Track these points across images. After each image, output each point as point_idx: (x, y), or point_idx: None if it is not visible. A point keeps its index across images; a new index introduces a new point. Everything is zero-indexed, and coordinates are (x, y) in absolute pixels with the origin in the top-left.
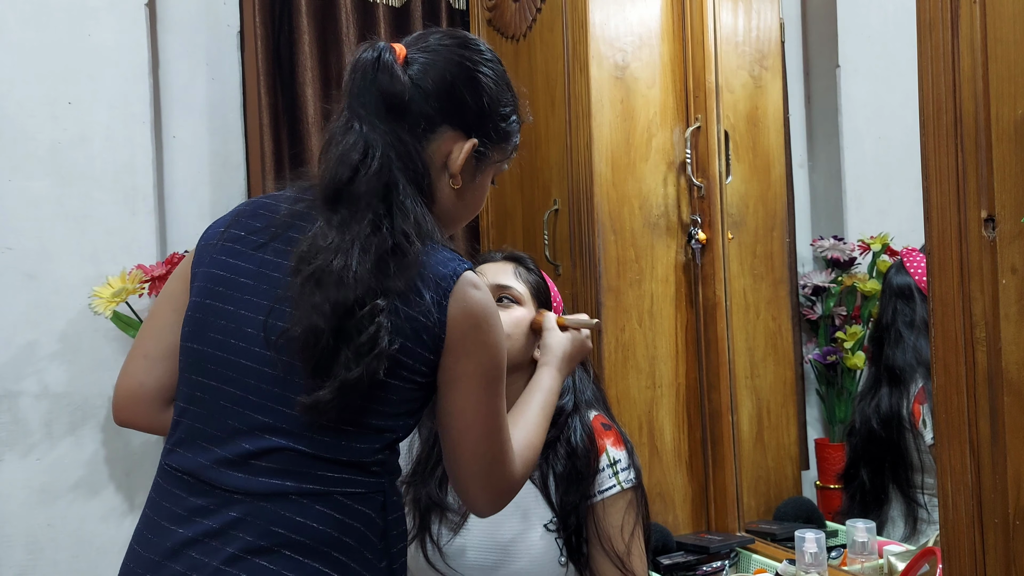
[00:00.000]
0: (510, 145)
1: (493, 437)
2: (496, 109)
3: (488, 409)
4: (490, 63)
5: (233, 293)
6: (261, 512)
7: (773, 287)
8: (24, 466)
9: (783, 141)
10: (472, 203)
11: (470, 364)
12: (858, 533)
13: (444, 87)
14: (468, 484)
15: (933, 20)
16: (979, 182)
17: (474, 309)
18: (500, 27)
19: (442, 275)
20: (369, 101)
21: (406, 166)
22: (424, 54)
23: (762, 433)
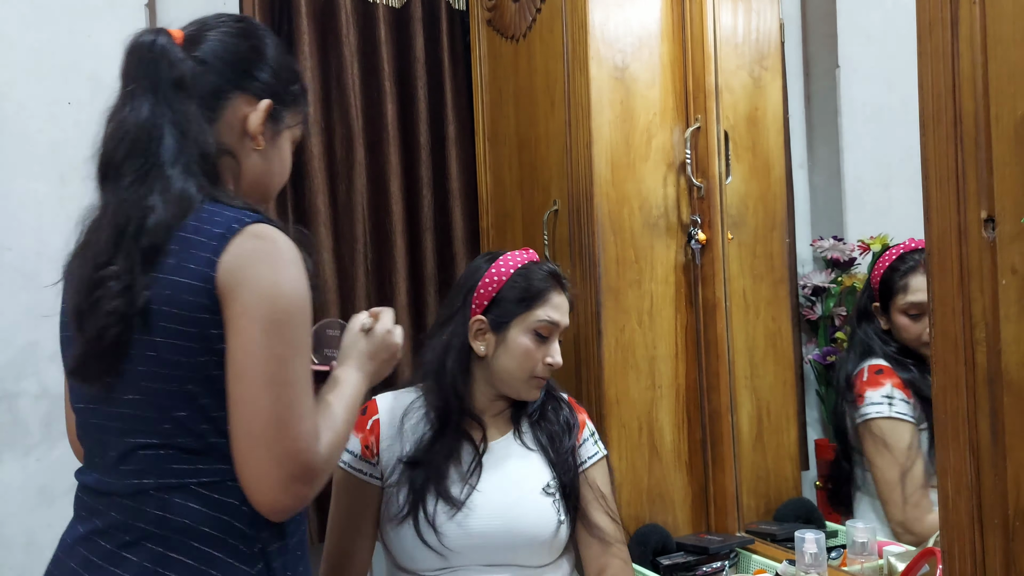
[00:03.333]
0: (300, 109)
1: (279, 390)
2: (282, 73)
3: (269, 354)
4: (267, 33)
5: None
6: (128, 510)
7: (773, 287)
8: (24, 466)
9: (783, 141)
10: (278, 167)
11: (238, 304)
12: (858, 533)
13: (229, 57)
14: (251, 455)
15: (933, 20)
16: (979, 182)
17: (246, 253)
18: (500, 27)
19: (213, 233)
20: (146, 81)
21: (186, 137)
22: (204, 32)
23: (762, 433)
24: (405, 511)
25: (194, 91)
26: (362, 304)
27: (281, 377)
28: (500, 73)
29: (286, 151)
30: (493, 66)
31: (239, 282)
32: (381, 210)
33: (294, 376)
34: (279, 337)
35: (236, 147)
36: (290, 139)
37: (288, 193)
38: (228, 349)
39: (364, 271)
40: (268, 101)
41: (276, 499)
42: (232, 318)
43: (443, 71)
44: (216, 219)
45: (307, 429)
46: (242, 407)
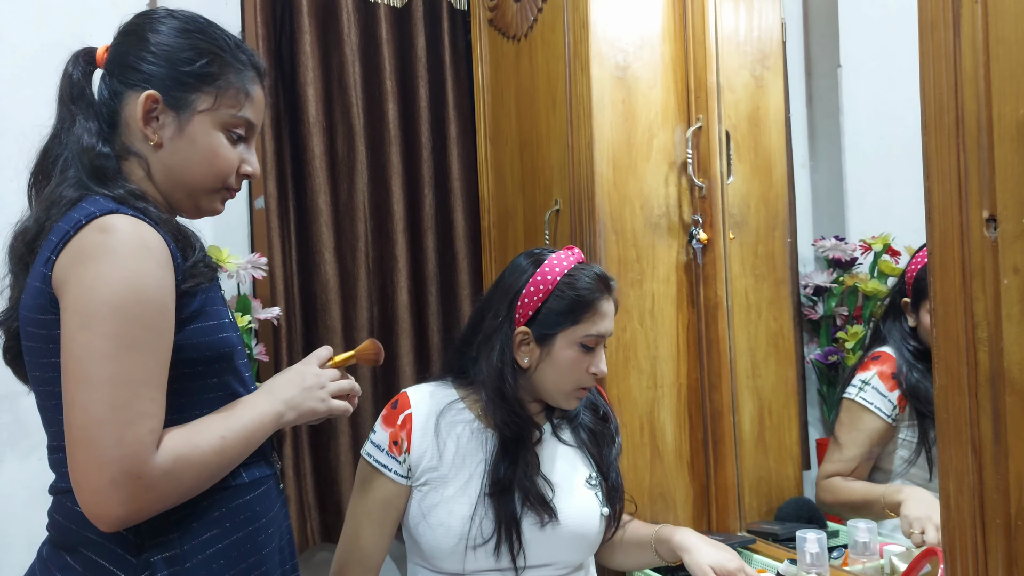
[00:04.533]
0: (215, 88)
1: (98, 390)
2: (175, 54)
3: (86, 351)
4: (163, 19)
5: None
6: (50, 512)
7: (775, 287)
8: (25, 466)
9: (784, 141)
10: (190, 159)
11: (64, 301)
12: (859, 533)
13: (118, 58)
14: (72, 457)
15: (935, 19)
16: (981, 182)
17: (78, 248)
18: (501, 27)
19: (59, 230)
20: (60, 97)
21: (74, 147)
22: (116, 41)
23: (763, 433)
24: (497, 538)
25: (89, 102)
26: (363, 303)
27: (99, 375)
28: (501, 73)
29: (204, 138)
30: (494, 66)
31: (67, 279)
32: (382, 209)
33: (123, 374)
34: (99, 332)
35: (140, 147)
36: (211, 124)
37: (289, 192)
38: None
39: (366, 270)
40: (146, 93)
41: (100, 506)
42: (62, 317)
43: (444, 71)
44: (72, 215)
45: (135, 434)
46: (67, 407)
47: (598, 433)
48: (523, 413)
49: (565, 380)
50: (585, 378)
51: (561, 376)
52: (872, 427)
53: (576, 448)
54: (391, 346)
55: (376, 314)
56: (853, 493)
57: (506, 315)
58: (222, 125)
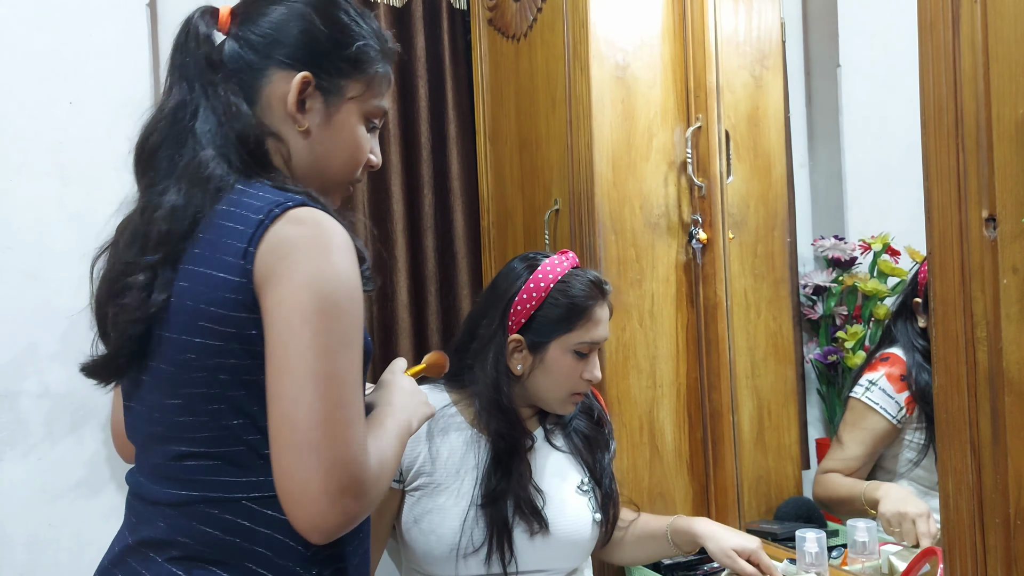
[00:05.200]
0: (367, 76)
1: (327, 387)
2: (330, 37)
3: (313, 346)
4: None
5: None
6: (175, 523)
7: (774, 287)
8: (25, 466)
9: (784, 141)
10: (338, 148)
11: (277, 294)
12: (859, 533)
13: (267, 30)
14: (293, 461)
15: (934, 20)
16: (980, 182)
17: (283, 241)
18: (501, 27)
19: (249, 220)
20: (184, 65)
21: (219, 119)
22: (249, 4)
23: (763, 433)
24: (488, 546)
25: (230, 71)
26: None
27: (328, 372)
28: (501, 72)
29: (348, 127)
30: (494, 65)
31: (276, 273)
32: (382, 209)
33: (343, 373)
34: (324, 327)
35: (281, 129)
36: (356, 113)
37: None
38: (267, 344)
39: None
40: (302, 74)
41: (321, 516)
42: (269, 309)
43: (444, 70)
44: (254, 203)
45: (358, 435)
46: (284, 406)
47: (592, 438)
48: (518, 424)
49: (559, 387)
50: (580, 384)
51: (555, 383)
52: (876, 427)
53: (568, 453)
54: (391, 346)
55: (376, 314)
56: (839, 489)
57: (499, 323)
58: (365, 114)
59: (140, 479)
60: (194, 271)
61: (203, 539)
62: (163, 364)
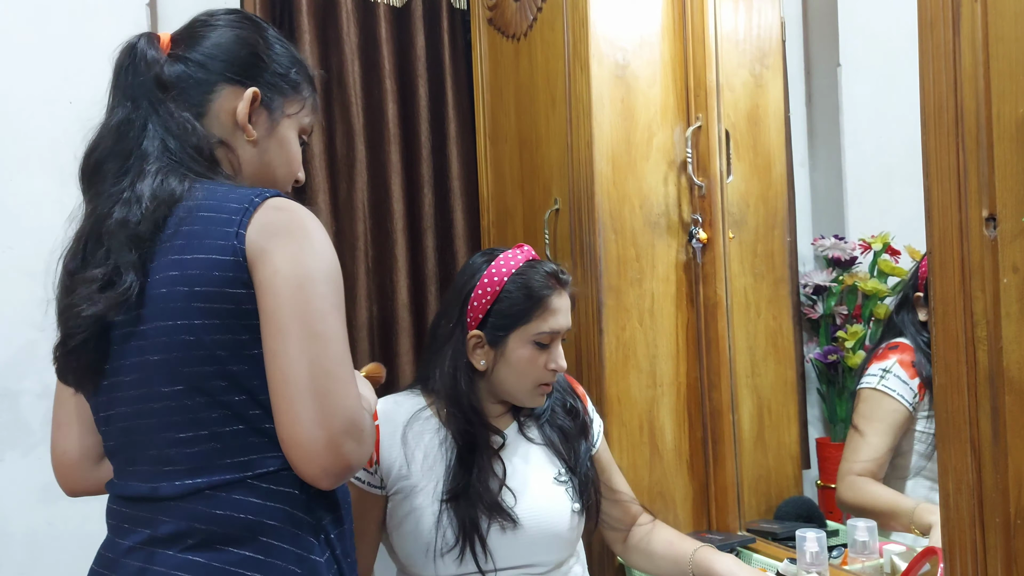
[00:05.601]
0: (302, 96)
1: (322, 345)
2: (271, 57)
3: (306, 308)
4: (257, 23)
5: None
6: (184, 513)
7: (774, 286)
8: (25, 465)
9: (784, 140)
10: (278, 159)
11: (271, 267)
12: (859, 532)
13: (212, 50)
14: (294, 413)
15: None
16: (980, 181)
17: (270, 223)
18: (501, 26)
19: (233, 208)
20: (131, 89)
21: (171, 133)
22: (193, 29)
23: (763, 432)
24: (460, 545)
25: (178, 89)
26: (363, 302)
27: (321, 331)
28: (501, 72)
29: (288, 141)
30: (494, 65)
31: (267, 250)
32: (382, 208)
33: (334, 332)
34: (315, 292)
35: (230, 139)
36: (294, 128)
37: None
38: (262, 311)
39: (365, 269)
40: (253, 90)
41: (325, 460)
42: (263, 281)
43: (444, 69)
44: (232, 196)
45: (352, 386)
46: (283, 363)
47: (566, 429)
48: (477, 420)
49: (524, 380)
50: (544, 375)
51: (519, 376)
52: (895, 416)
53: (543, 446)
54: (391, 345)
55: (375, 313)
56: (879, 499)
57: (458, 320)
58: (300, 130)
59: (131, 483)
60: (180, 260)
61: (216, 521)
62: (153, 355)
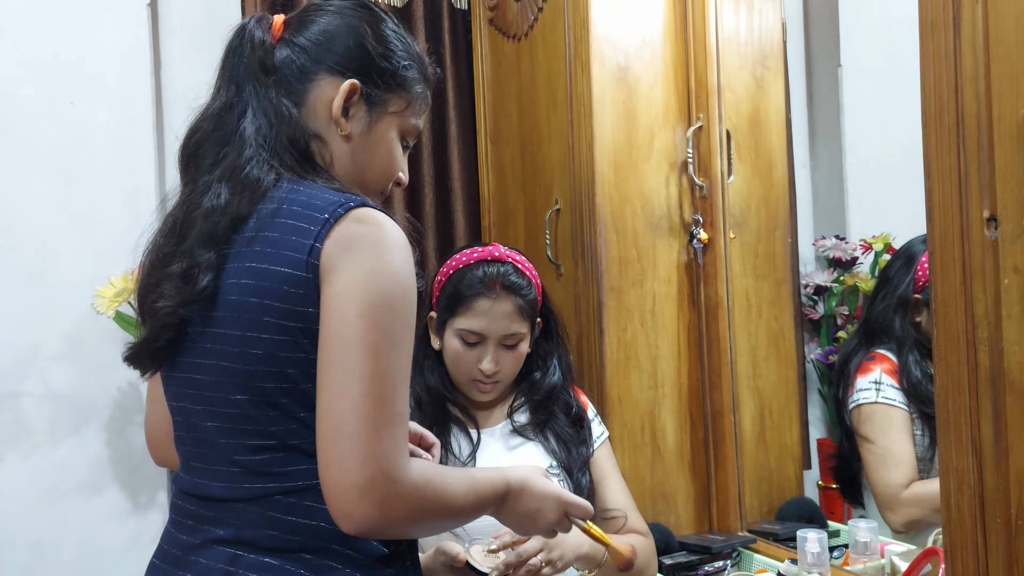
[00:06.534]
0: (409, 94)
1: (371, 382)
2: (380, 51)
3: (363, 340)
4: (374, 14)
5: None
6: (254, 517)
7: (775, 287)
8: (27, 466)
9: (785, 141)
10: (375, 159)
11: (335, 288)
12: (860, 533)
13: (319, 36)
14: (331, 449)
15: (935, 20)
16: (981, 182)
17: (349, 237)
18: (501, 27)
19: (314, 218)
20: (237, 71)
21: (268, 121)
22: (306, 13)
23: (764, 433)
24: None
25: (281, 75)
26: None
27: (373, 368)
28: (502, 72)
29: (387, 140)
30: (495, 65)
31: (337, 267)
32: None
33: (389, 370)
34: (377, 324)
35: (325, 133)
36: (395, 127)
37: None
38: (320, 333)
39: None
40: (351, 81)
41: (352, 506)
42: (326, 301)
43: (445, 70)
44: (316, 202)
45: (395, 434)
46: (328, 397)
47: (567, 437)
48: (427, 391)
49: (456, 371)
50: (474, 372)
51: (452, 366)
52: (904, 424)
53: (535, 441)
54: None
55: None
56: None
57: (428, 300)
58: (402, 131)
59: (200, 481)
60: (255, 269)
61: (290, 529)
62: (225, 361)
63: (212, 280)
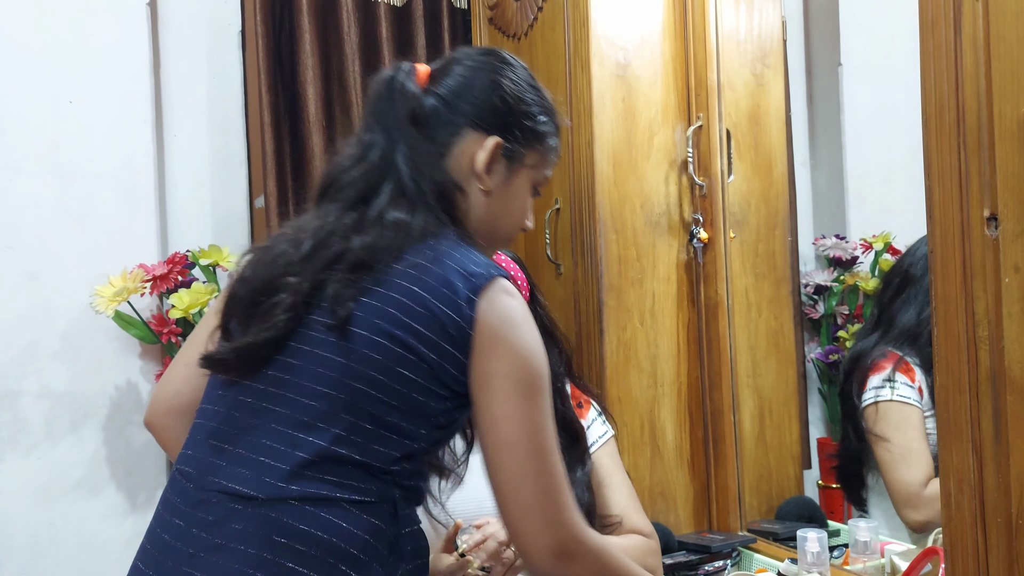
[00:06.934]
0: (544, 147)
1: (542, 459)
2: (519, 107)
3: (530, 421)
4: (511, 66)
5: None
6: (262, 519)
7: (775, 286)
8: (25, 465)
9: (785, 139)
10: (509, 211)
11: (502, 365)
12: (860, 532)
13: (463, 92)
14: (522, 524)
15: (935, 18)
16: (981, 180)
17: (507, 310)
18: (501, 25)
19: (472, 272)
20: (385, 117)
21: (418, 171)
22: (448, 66)
23: (764, 432)
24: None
25: (427, 126)
26: None
27: (542, 445)
28: None
29: (521, 194)
30: None
31: (499, 342)
32: None
33: (551, 442)
34: (536, 404)
35: (465, 185)
36: (529, 181)
37: (289, 191)
38: (483, 410)
39: None
40: (496, 139)
41: (547, 566)
42: (489, 378)
43: None
44: (467, 263)
45: (568, 496)
46: (508, 475)
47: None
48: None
49: None
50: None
51: None
52: (918, 418)
53: None
54: None
55: None
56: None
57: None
58: (534, 182)
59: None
60: (401, 303)
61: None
62: (324, 387)
63: (344, 312)
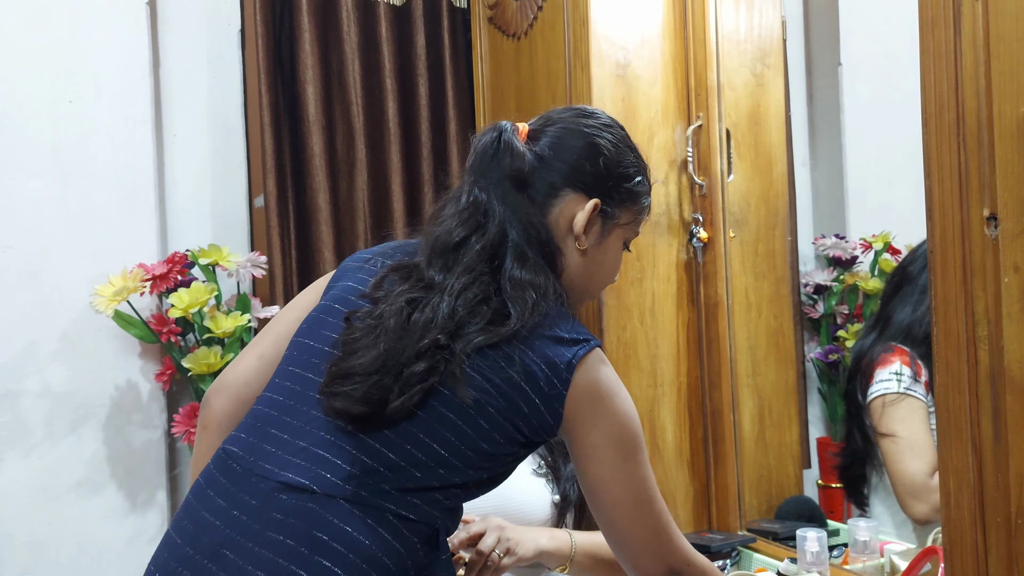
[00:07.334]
0: (638, 206)
1: (648, 507)
2: (616, 170)
3: (633, 479)
4: (609, 127)
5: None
6: (307, 512)
7: (775, 285)
8: (25, 465)
9: (785, 139)
10: (603, 268)
11: (600, 435)
12: (860, 532)
13: (564, 154)
14: (640, 557)
15: (935, 17)
16: (981, 180)
17: (601, 381)
18: (501, 25)
19: (573, 340)
20: (491, 175)
21: (527, 231)
22: (546, 127)
23: (764, 432)
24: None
25: (530, 186)
26: None
27: (647, 495)
28: (501, 71)
29: (614, 251)
30: (494, 64)
31: (598, 411)
32: (382, 208)
33: (654, 490)
34: (637, 463)
35: (563, 244)
36: (622, 238)
37: (289, 191)
38: (590, 473)
39: None
40: (596, 201)
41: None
42: (592, 444)
43: (444, 69)
44: (568, 328)
45: (676, 535)
46: (620, 525)
47: (552, 445)
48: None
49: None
50: None
51: None
52: (924, 412)
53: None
54: None
55: None
56: None
57: None
58: (626, 239)
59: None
60: (497, 384)
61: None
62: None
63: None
